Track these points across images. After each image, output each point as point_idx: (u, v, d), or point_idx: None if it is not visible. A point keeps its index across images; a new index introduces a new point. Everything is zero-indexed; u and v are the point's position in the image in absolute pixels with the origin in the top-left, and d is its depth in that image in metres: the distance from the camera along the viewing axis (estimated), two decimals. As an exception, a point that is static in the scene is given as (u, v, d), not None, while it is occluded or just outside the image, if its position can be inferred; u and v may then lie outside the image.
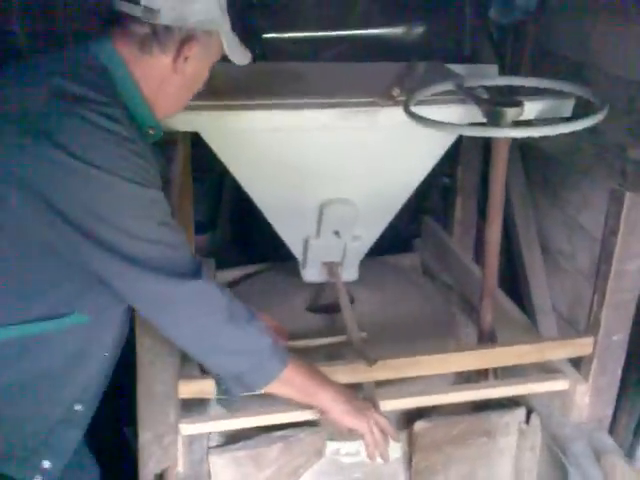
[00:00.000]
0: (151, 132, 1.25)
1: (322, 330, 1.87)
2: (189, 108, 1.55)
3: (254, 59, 1.40)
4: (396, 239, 2.39)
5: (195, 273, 1.16)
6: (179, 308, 1.15)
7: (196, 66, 1.25)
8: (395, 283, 2.16)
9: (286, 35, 2.63)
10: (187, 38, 1.19)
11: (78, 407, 1.28)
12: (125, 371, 1.39)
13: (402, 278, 2.23)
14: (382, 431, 1.39)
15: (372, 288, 2.08)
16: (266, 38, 2.58)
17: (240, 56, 1.33)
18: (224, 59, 1.34)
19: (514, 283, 2.47)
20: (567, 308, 2.34)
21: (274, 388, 1.30)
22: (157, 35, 1.17)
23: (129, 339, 1.35)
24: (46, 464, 1.26)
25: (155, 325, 1.20)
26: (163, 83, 1.23)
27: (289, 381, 1.30)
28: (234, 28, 2.50)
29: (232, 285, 2.17)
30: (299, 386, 1.33)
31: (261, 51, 2.60)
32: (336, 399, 1.36)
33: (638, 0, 1.80)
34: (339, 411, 1.37)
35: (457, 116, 1.60)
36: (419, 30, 2.67)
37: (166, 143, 1.53)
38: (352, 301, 1.95)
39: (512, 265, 2.51)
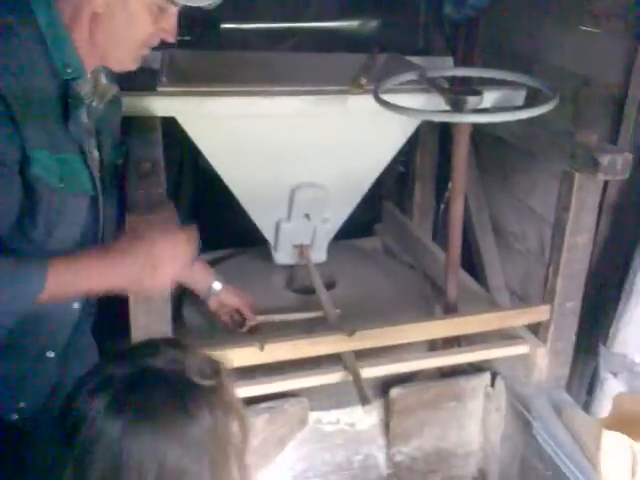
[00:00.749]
0: (68, 71, 1.18)
1: (297, 308, 1.96)
2: (165, 94, 1.62)
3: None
4: (356, 224, 2.50)
5: None
6: None
7: (123, 5, 1.17)
8: (361, 264, 2.28)
9: (244, 26, 2.70)
10: None
11: (50, 354, 1.31)
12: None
13: (367, 259, 2.35)
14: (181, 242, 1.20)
15: (340, 269, 2.18)
16: (224, 28, 2.65)
17: None
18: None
19: (469, 264, 2.62)
20: (519, 285, 2.50)
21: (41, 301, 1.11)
22: None
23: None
24: (22, 404, 1.31)
25: None
26: (79, 18, 1.17)
27: (54, 289, 1.11)
28: (192, 18, 2.54)
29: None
30: (70, 287, 1.14)
31: (218, 41, 2.67)
32: (101, 260, 1.14)
33: (581, 1, 1.97)
34: (128, 280, 1.16)
35: (421, 104, 1.71)
36: (374, 23, 2.79)
37: (146, 129, 1.60)
38: (328, 284, 2.03)
39: (467, 247, 2.66)
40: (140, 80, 1.60)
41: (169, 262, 1.16)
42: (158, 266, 1.15)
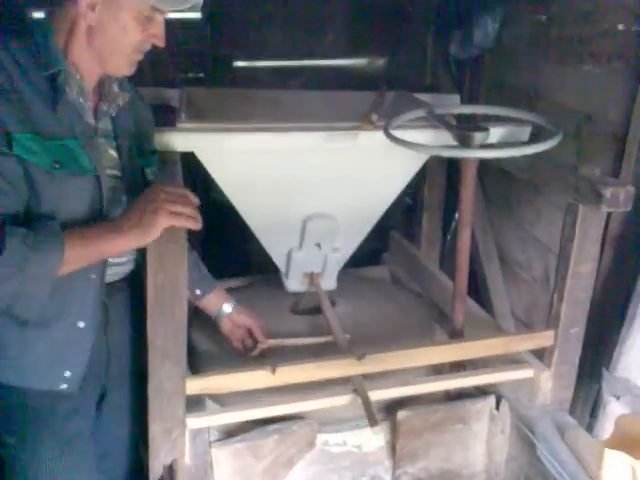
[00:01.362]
0: (50, 67, 1.30)
1: (306, 330, 2.02)
2: (184, 130, 1.71)
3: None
4: (365, 253, 2.57)
5: None
6: None
7: (111, 11, 1.29)
8: (370, 291, 2.35)
9: (256, 63, 2.81)
10: None
11: (81, 324, 1.43)
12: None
13: (375, 287, 2.42)
14: (178, 195, 1.33)
15: (349, 296, 2.25)
16: (237, 66, 2.76)
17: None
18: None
19: (475, 292, 2.68)
20: (524, 312, 2.56)
21: (63, 270, 1.27)
22: None
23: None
24: (67, 373, 1.44)
25: None
26: (76, 31, 1.32)
27: (73, 258, 1.27)
28: (205, 55, 2.64)
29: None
30: (85, 254, 1.30)
31: (232, 78, 2.78)
32: (120, 228, 1.30)
33: (582, 43, 2.06)
34: (129, 229, 1.29)
35: (429, 139, 1.79)
36: (382, 61, 2.90)
37: (167, 161, 1.69)
38: (340, 311, 2.10)
39: (473, 275, 2.72)
40: (161, 117, 1.72)
41: (168, 203, 1.29)
42: (158, 207, 1.28)
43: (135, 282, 1.61)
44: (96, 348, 1.49)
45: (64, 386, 1.44)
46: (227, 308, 1.87)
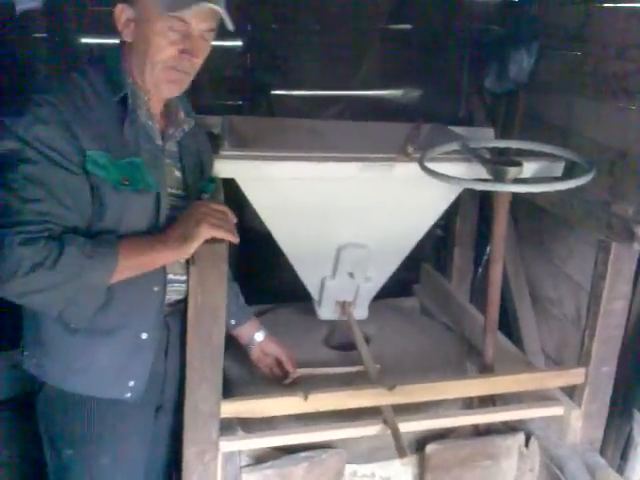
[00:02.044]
0: (119, 92, 1.40)
1: (337, 363, 2.04)
2: (227, 157, 1.76)
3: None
4: (396, 284, 2.58)
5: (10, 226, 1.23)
6: None
7: (140, 27, 1.37)
8: (400, 323, 2.35)
9: (293, 92, 2.87)
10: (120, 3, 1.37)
11: (144, 336, 1.48)
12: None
13: (405, 319, 2.42)
14: (219, 211, 1.42)
15: (380, 327, 2.26)
16: (274, 94, 2.82)
17: (181, 2, 1.34)
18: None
19: (506, 328, 2.67)
20: (555, 350, 2.54)
21: (115, 278, 1.34)
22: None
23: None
24: (131, 383, 1.49)
25: None
26: (128, 52, 1.41)
27: (125, 267, 1.35)
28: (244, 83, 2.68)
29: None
30: (136, 263, 1.38)
31: (269, 106, 2.84)
32: (167, 239, 1.38)
33: (616, 79, 2.08)
34: (175, 240, 1.37)
35: (463, 172, 1.82)
36: (417, 93, 2.93)
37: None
38: (367, 341, 2.11)
39: (503, 311, 2.71)
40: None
41: (209, 217, 1.38)
42: (201, 220, 1.37)
43: None
44: (156, 365, 1.55)
45: (128, 395, 1.49)
46: (259, 337, 1.90)
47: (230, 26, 1.42)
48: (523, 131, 2.59)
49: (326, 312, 2.22)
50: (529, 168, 1.84)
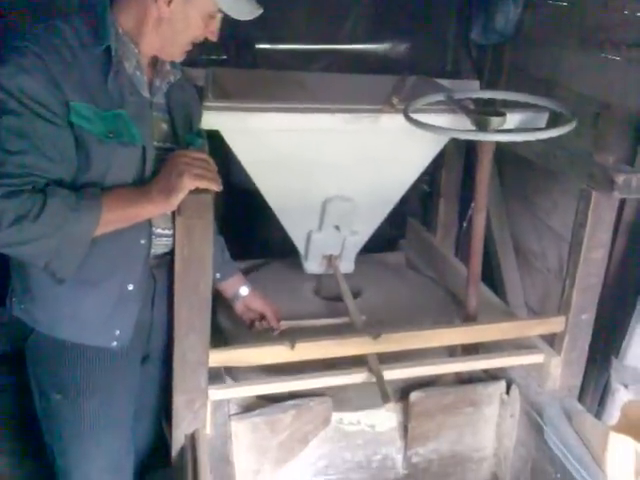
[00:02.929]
0: (103, 43, 1.37)
1: (324, 314, 2.07)
2: (211, 109, 1.75)
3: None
4: (382, 239, 2.60)
5: None
6: None
7: (180, 9, 1.39)
8: (386, 276, 2.38)
9: (278, 46, 2.83)
10: None
11: (130, 287, 1.50)
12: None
13: (391, 272, 2.45)
14: (200, 159, 1.40)
15: (366, 280, 2.29)
16: (259, 48, 2.78)
17: (240, 9, 1.44)
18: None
19: (489, 281, 2.70)
20: (537, 303, 2.58)
21: (99, 230, 1.34)
22: None
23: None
24: (117, 332, 1.51)
25: None
26: (147, 17, 1.40)
27: (109, 220, 1.35)
28: (228, 38, 2.63)
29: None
30: (120, 216, 1.38)
31: (253, 60, 2.80)
32: (150, 193, 1.37)
33: (602, 30, 2.07)
34: (159, 193, 1.36)
35: (448, 123, 1.81)
36: (403, 46, 2.90)
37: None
38: (354, 293, 2.14)
39: (487, 264, 2.75)
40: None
41: (191, 167, 1.36)
42: (183, 171, 1.35)
43: None
44: (142, 315, 1.56)
45: (114, 343, 1.51)
46: (243, 291, 1.92)
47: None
48: (509, 84, 2.58)
49: (313, 266, 2.24)
50: (513, 119, 1.84)
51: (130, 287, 1.50)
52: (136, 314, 1.54)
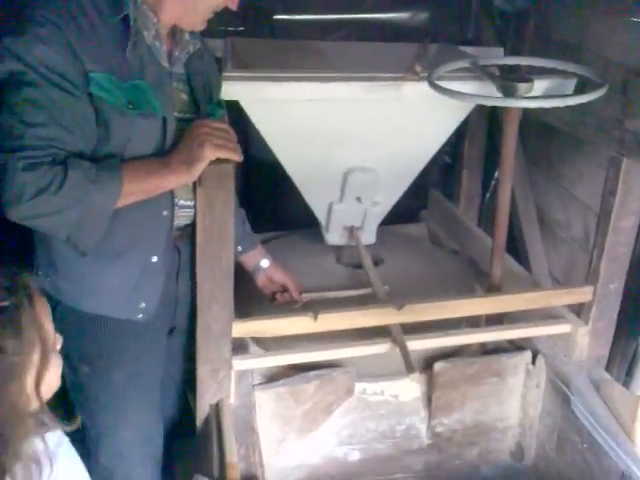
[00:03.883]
0: (123, 12, 1.35)
1: (347, 283, 2.06)
2: (230, 79, 1.72)
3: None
4: (404, 211, 2.57)
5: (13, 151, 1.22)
6: None
7: None
8: (408, 247, 2.36)
9: (296, 17, 2.79)
10: None
11: (154, 259, 1.50)
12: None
13: (413, 243, 2.44)
14: (220, 129, 1.39)
15: (388, 251, 2.27)
16: (276, 19, 2.74)
17: None
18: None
19: (514, 252, 2.67)
20: (562, 273, 2.55)
21: (120, 202, 1.34)
22: None
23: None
24: (142, 305, 1.52)
25: None
26: None
27: (130, 192, 1.34)
28: (246, 9, 2.59)
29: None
30: (141, 188, 1.37)
31: (271, 31, 2.76)
32: (171, 163, 1.36)
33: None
34: (180, 164, 1.35)
35: (473, 90, 1.75)
36: (424, 15, 2.84)
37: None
38: (377, 263, 2.12)
39: (511, 235, 2.71)
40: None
41: (212, 137, 1.35)
42: (204, 141, 1.34)
43: None
44: (168, 288, 1.56)
45: (140, 316, 1.52)
46: (264, 264, 1.90)
47: None
48: (534, 51, 2.51)
49: (334, 237, 2.22)
50: (540, 85, 1.79)
51: (154, 259, 1.50)
52: (161, 287, 1.54)
